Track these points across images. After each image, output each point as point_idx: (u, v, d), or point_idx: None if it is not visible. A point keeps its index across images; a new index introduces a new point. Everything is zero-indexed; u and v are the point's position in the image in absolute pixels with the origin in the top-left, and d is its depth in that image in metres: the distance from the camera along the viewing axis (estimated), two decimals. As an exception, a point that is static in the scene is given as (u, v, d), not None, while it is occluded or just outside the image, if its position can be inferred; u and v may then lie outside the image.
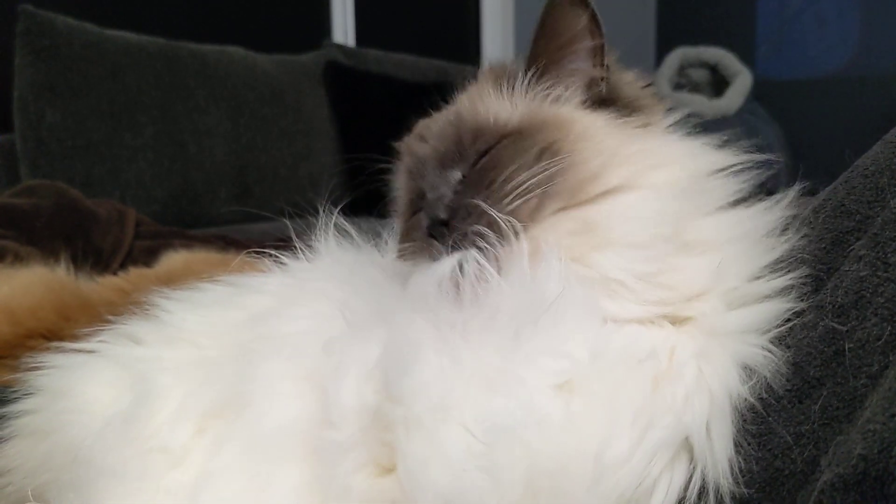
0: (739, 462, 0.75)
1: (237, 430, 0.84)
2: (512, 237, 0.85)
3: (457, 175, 0.93)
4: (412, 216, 0.99)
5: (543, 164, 0.88)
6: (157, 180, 3.14)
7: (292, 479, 0.80)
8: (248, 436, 0.83)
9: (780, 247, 0.85)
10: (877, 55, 4.79)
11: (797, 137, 4.76)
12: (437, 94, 1.08)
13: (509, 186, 0.87)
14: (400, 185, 1.06)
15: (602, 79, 0.96)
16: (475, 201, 0.87)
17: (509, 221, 0.85)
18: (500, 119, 0.96)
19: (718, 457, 0.74)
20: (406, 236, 0.98)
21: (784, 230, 0.87)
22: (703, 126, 0.98)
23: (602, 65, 0.96)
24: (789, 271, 0.83)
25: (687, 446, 0.75)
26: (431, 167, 0.96)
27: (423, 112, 1.08)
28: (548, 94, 0.96)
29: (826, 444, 0.68)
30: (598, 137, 0.91)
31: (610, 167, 0.88)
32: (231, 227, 3.09)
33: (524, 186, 0.86)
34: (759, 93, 4.85)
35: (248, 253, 1.13)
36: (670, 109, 1.00)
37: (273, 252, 1.09)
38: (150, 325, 1.03)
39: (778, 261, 0.84)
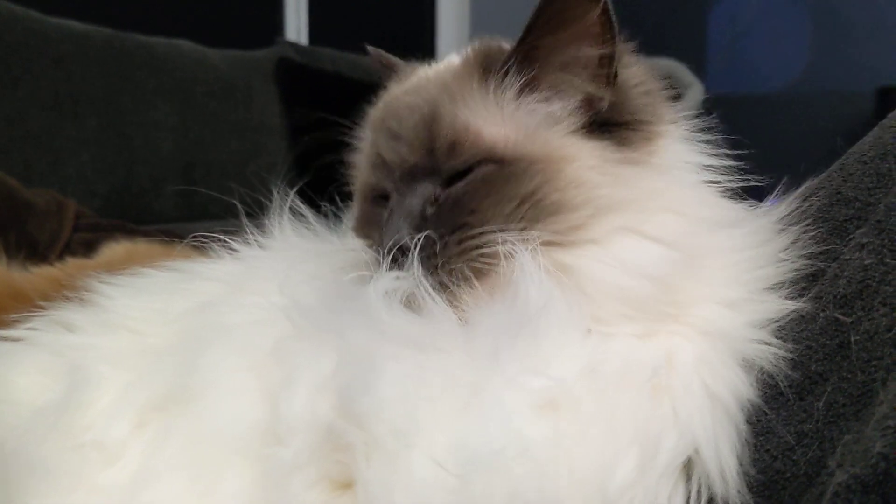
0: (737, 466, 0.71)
1: (181, 425, 0.79)
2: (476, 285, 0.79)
3: (427, 189, 0.84)
4: (371, 202, 0.91)
5: (522, 216, 0.79)
6: (100, 174, 3.06)
7: (239, 483, 0.75)
8: (193, 433, 0.78)
9: (778, 252, 0.82)
10: (826, 72, 4.87)
11: (746, 152, 4.81)
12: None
13: (482, 238, 0.79)
14: (361, 164, 0.96)
15: (605, 97, 0.84)
16: (444, 244, 0.80)
17: (477, 271, 0.79)
18: (482, 136, 0.83)
19: (727, 468, 0.70)
20: (363, 224, 0.92)
21: (780, 235, 0.83)
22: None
23: (608, 83, 0.83)
24: (786, 265, 0.80)
25: (694, 460, 0.71)
26: (399, 175, 0.86)
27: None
28: (539, 109, 0.84)
29: (832, 444, 0.64)
30: (590, 183, 0.80)
31: (598, 217, 0.79)
32: (175, 224, 3.01)
33: (499, 238, 0.78)
34: (710, 107, 4.89)
35: (195, 237, 1.05)
36: (682, 111, 0.92)
37: (222, 237, 1.02)
38: (85, 311, 0.96)
39: (777, 260, 0.81)
